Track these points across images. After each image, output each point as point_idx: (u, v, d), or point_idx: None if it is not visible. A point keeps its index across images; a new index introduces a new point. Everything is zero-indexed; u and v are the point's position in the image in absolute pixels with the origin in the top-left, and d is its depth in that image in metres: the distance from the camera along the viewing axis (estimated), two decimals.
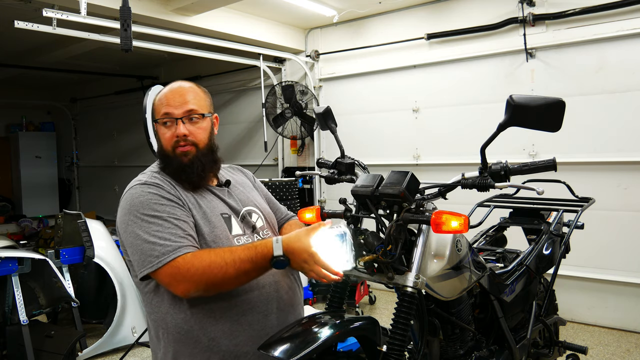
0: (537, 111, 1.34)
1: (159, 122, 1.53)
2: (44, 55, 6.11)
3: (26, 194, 8.90)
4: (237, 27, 4.90)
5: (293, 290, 1.60)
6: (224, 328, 1.43)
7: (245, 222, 1.58)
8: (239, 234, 1.53)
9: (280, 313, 1.52)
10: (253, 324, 1.45)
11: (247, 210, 1.61)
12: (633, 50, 3.77)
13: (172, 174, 1.53)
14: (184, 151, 1.50)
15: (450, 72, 4.67)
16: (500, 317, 1.94)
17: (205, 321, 1.42)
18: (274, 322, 1.49)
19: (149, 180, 1.48)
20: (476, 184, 1.49)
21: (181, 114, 1.51)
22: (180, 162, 1.51)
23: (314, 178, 5.49)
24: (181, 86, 1.56)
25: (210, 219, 1.48)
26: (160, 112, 1.53)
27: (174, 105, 1.51)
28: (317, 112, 1.93)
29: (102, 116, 8.81)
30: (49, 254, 3.54)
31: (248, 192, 1.70)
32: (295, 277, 1.65)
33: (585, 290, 4.09)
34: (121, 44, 2.81)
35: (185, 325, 1.42)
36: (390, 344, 1.41)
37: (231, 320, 1.43)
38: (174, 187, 1.49)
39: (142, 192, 1.44)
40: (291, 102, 5.27)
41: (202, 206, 1.50)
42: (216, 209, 1.53)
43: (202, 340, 1.42)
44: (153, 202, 1.42)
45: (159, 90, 1.59)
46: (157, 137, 1.57)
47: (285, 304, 1.54)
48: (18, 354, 3.09)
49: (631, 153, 3.81)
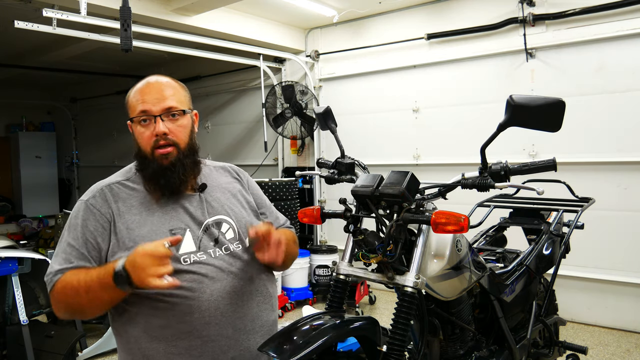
0: (537, 111, 1.34)
1: (135, 121, 1.42)
2: (44, 55, 6.11)
3: (26, 194, 8.90)
4: (237, 27, 4.90)
5: (252, 317, 1.46)
6: (159, 348, 1.34)
7: (208, 234, 1.45)
8: (189, 252, 1.39)
9: (226, 340, 1.39)
10: (191, 349, 1.34)
11: (214, 220, 1.47)
12: (633, 50, 3.77)
13: (149, 178, 1.43)
14: (163, 153, 1.40)
15: (450, 72, 4.67)
16: (500, 317, 1.94)
17: (140, 336, 1.35)
18: (217, 350, 1.37)
19: (90, 200, 1.42)
20: (476, 184, 1.49)
21: (159, 110, 1.40)
22: (160, 165, 1.40)
23: (314, 178, 5.49)
24: (158, 81, 1.45)
25: (153, 238, 1.35)
26: (136, 109, 1.41)
27: (151, 102, 1.40)
28: (317, 112, 1.93)
29: (102, 116, 8.81)
30: (49, 254, 3.54)
31: (225, 199, 1.54)
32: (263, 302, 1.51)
33: (585, 290, 4.09)
34: (121, 44, 2.82)
35: (124, 335, 1.39)
36: (390, 344, 1.40)
37: (166, 342, 1.34)
38: (118, 202, 1.41)
39: (76, 210, 1.42)
40: (291, 102, 5.27)
41: (147, 224, 1.39)
42: (164, 224, 1.40)
43: (137, 355, 1.37)
44: (77, 224, 1.39)
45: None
46: (133, 137, 1.45)
47: (236, 330, 1.41)
48: (18, 354, 3.09)
49: (631, 153, 3.81)
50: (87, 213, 1.40)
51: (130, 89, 1.48)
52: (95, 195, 1.43)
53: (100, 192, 1.44)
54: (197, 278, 1.37)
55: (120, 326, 1.41)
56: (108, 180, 1.48)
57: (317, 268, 4.79)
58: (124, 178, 1.49)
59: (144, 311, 1.36)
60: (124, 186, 1.46)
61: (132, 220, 1.39)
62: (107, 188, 1.45)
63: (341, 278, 1.60)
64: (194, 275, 1.37)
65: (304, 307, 3.04)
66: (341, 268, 1.60)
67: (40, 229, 7.11)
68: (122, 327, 1.40)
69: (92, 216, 1.39)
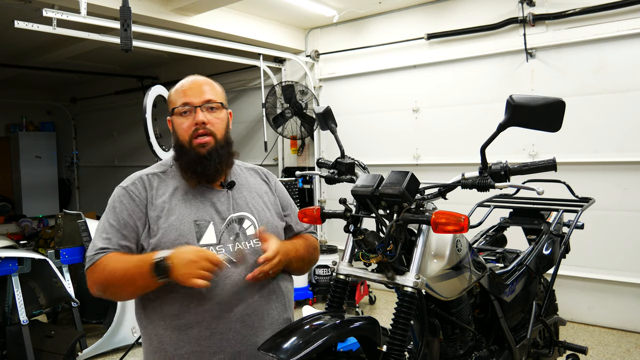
0: (537, 111, 1.34)
1: (176, 112, 1.53)
2: (44, 55, 6.10)
3: (26, 194, 8.90)
4: (237, 27, 4.90)
5: (262, 314, 1.50)
6: (172, 335, 1.42)
7: (230, 229, 1.51)
8: (209, 244, 1.46)
9: (234, 335, 1.44)
10: (200, 340, 1.41)
11: (238, 216, 1.54)
12: (633, 50, 3.77)
13: (186, 166, 1.52)
14: (201, 142, 1.50)
15: (450, 72, 4.67)
16: (500, 317, 1.94)
17: (157, 323, 1.44)
18: (223, 343, 1.42)
19: (129, 187, 1.53)
20: (476, 184, 1.49)
21: (200, 102, 1.52)
22: (198, 154, 1.50)
23: (314, 178, 5.49)
24: (197, 79, 1.58)
25: (179, 227, 1.45)
26: (177, 102, 1.53)
27: (192, 95, 1.52)
28: (317, 112, 1.93)
29: (102, 116, 8.81)
30: (49, 254, 3.54)
31: (251, 197, 1.62)
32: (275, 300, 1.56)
33: (585, 290, 4.09)
34: (121, 44, 2.81)
35: (144, 321, 1.49)
36: (390, 344, 1.40)
37: (179, 330, 1.42)
38: (152, 191, 1.52)
39: (115, 195, 1.53)
40: (291, 102, 5.27)
41: (175, 213, 1.47)
42: (191, 215, 1.48)
43: (153, 340, 1.45)
44: (117, 207, 1.50)
45: (177, 86, 1.59)
46: (173, 130, 1.56)
47: (244, 325, 1.46)
48: (18, 354, 3.09)
49: (631, 153, 3.81)
50: (126, 198, 1.50)
51: (170, 89, 1.61)
52: (135, 182, 1.54)
53: (139, 179, 1.55)
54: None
55: (142, 311, 1.50)
56: (145, 171, 1.59)
57: (317, 268, 4.79)
58: (159, 170, 1.59)
59: (161, 297, 1.44)
60: (158, 177, 1.56)
61: (162, 208, 1.48)
62: (145, 177, 1.56)
63: (341, 278, 1.60)
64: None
65: (304, 307, 3.04)
66: (341, 268, 1.60)
67: (40, 229, 7.10)
68: (143, 312, 1.50)
69: (132, 201, 1.49)
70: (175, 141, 1.56)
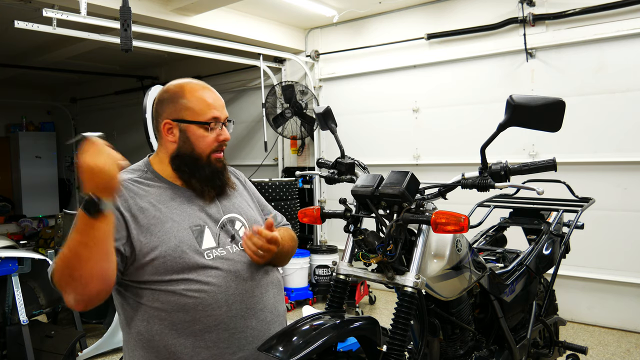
0: (537, 111, 1.34)
1: (202, 125, 1.45)
2: (44, 55, 6.10)
3: (26, 194, 8.89)
4: (237, 27, 4.90)
5: (270, 308, 1.51)
6: (186, 343, 1.37)
7: (225, 231, 1.50)
8: (210, 247, 1.44)
9: (252, 331, 1.44)
10: (219, 342, 1.39)
11: (228, 218, 1.52)
12: (633, 50, 3.77)
13: (204, 179, 1.48)
14: (219, 157, 1.50)
15: (450, 72, 4.67)
16: (500, 317, 1.94)
17: (166, 333, 1.37)
18: (242, 341, 1.42)
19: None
20: (476, 184, 1.49)
21: (225, 118, 1.50)
22: (216, 169, 1.50)
23: (314, 178, 5.49)
24: (211, 89, 1.53)
25: (176, 234, 1.40)
26: (206, 114, 1.45)
27: (219, 109, 1.48)
28: (317, 112, 1.93)
29: (102, 116, 8.81)
30: (49, 254, 3.54)
31: (235, 198, 1.61)
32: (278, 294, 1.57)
33: (585, 290, 4.09)
34: (121, 44, 2.81)
35: (146, 334, 1.38)
36: (390, 344, 1.40)
37: (194, 336, 1.37)
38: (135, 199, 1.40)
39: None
40: (291, 102, 5.27)
41: (169, 220, 1.41)
42: (185, 222, 1.43)
43: (162, 352, 1.37)
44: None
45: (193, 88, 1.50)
46: (184, 138, 1.46)
47: (259, 320, 1.47)
48: (18, 354, 3.09)
49: (631, 153, 3.81)
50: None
51: (176, 90, 1.48)
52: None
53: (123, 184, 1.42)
54: (221, 273, 1.41)
55: (141, 323, 1.39)
56: (124, 177, 1.43)
57: (317, 268, 4.79)
58: (135, 175, 1.48)
59: (169, 308, 1.37)
60: (139, 183, 1.45)
61: (153, 216, 1.40)
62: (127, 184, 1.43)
63: (341, 278, 1.61)
64: (218, 271, 1.41)
65: (304, 307, 3.04)
66: (341, 268, 1.61)
67: (40, 229, 7.10)
68: (144, 325, 1.39)
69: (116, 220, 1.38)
70: (184, 151, 1.47)
